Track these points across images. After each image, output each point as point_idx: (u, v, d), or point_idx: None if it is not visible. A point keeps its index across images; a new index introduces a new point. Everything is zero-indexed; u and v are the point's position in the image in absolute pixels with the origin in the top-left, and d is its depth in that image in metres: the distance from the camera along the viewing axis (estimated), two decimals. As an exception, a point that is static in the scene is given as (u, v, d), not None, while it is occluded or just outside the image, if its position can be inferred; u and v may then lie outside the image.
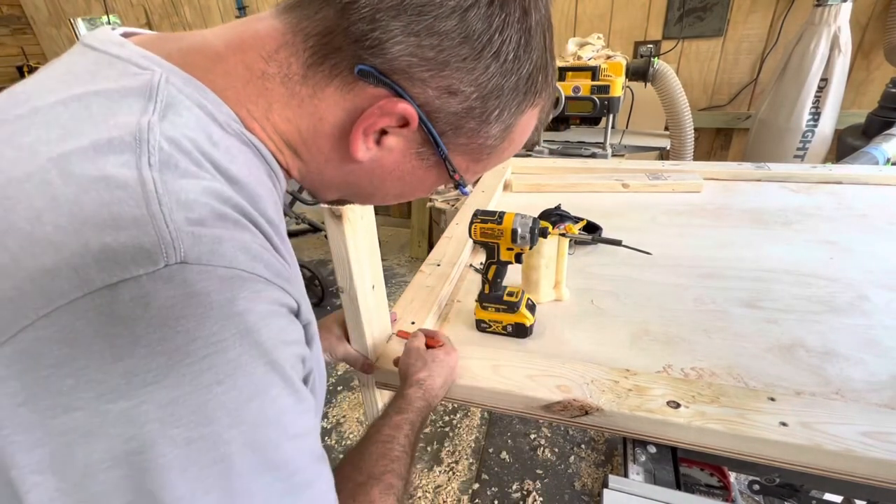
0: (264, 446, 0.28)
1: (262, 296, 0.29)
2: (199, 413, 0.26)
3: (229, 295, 0.27)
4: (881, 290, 0.82)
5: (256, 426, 0.28)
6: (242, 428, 0.27)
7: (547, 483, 1.59)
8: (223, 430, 0.26)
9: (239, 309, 0.27)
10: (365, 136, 0.36)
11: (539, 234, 0.71)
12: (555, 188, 1.36)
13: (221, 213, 0.29)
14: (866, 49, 2.12)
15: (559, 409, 0.61)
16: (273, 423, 0.29)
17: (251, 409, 0.28)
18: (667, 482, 0.58)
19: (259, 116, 0.35)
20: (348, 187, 0.42)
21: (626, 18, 2.44)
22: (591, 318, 0.80)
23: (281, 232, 0.36)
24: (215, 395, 0.26)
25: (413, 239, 3.10)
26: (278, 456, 0.29)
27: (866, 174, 1.31)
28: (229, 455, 0.27)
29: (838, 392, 0.62)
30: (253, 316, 0.28)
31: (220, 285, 0.27)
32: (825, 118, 1.99)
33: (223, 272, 0.27)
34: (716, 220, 1.12)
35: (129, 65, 0.32)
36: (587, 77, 1.76)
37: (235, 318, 0.27)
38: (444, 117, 0.36)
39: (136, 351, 0.24)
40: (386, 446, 0.50)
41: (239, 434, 0.27)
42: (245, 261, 0.29)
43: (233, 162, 0.32)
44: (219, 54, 0.34)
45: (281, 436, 0.30)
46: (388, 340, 0.74)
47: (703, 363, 0.68)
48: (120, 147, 0.27)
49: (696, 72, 2.42)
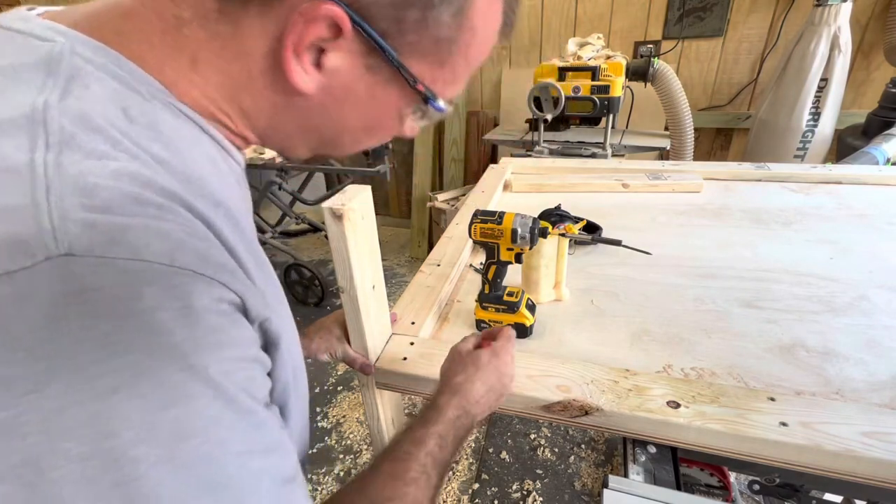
0: (193, 463, 0.25)
1: (181, 290, 0.25)
2: (92, 425, 0.22)
3: (131, 290, 0.24)
4: (881, 290, 0.82)
5: (178, 440, 0.24)
6: (155, 443, 0.23)
7: (547, 483, 1.59)
8: (128, 447, 0.23)
9: (144, 306, 0.24)
10: (298, 57, 0.31)
11: (539, 234, 0.71)
12: (555, 188, 1.36)
13: (138, 197, 0.26)
14: (866, 49, 2.12)
15: (559, 409, 0.61)
16: (202, 437, 0.25)
17: (165, 420, 0.24)
18: (667, 482, 0.59)
19: (186, 75, 0.31)
20: (310, 133, 0.37)
21: (626, 18, 2.44)
22: (591, 318, 0.80)
23: (236, 214, 0.32)
24: (111, 404, 0.23)
25: (413, 239, 3.10)
26: (218, 475, 0.25)
27: (866, 174, 1.31)
28: (139, 476, 0.23)
29: (838, 392, 0.62)
30: (164, 314, 0.24)
31: (118, 279, 0.24)
32: (825, 118, 1.99)
33: (125, 264, 0.24)
34: (716, 220, 1.12)
35: (30, 38, 0.29)
36: (587, 77, 1.76)
37: (138, 317, 0.24)
38: (379, 11, 0.31)
39: (14, 356, 0.22)
40: (401, 465, 0.42)
41: (150, 451, 0.23)
42: (160, 251, 0.25)
43: (158, 138, 0.29)
44: (127, 9, 0.30)
45: (219, 452, 0.26)
46: (388, 341, 0.74)
47: (703, 363, 0.68)
48: (13, 130, 0.25)
49: (696, 72, 2.42)
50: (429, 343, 0.73)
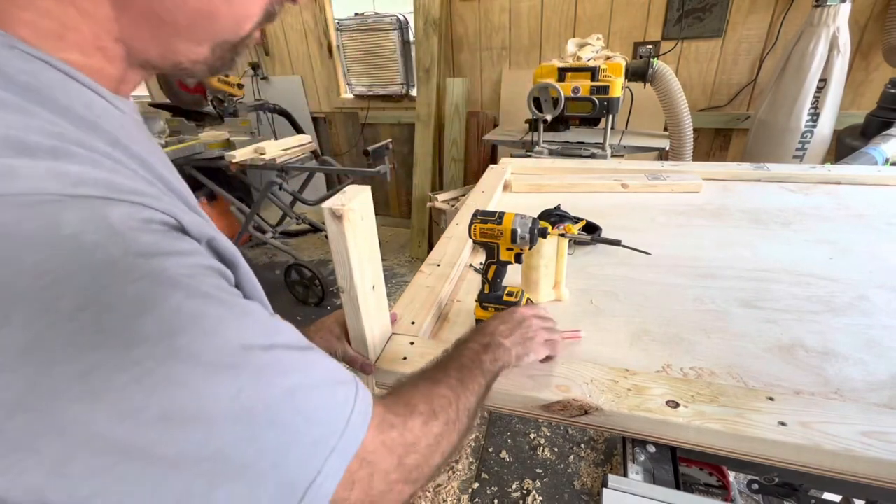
0: (192, 359, 0.25)
1: (98, 214, 0.24)
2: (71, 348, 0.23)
3: (46, 220, 0.23)
4: (880, 290, 0.82)
5: (171, 335, 0.25)
6: (153, 343, 0.24)
7: (546, 482, 1.59)
8: (147, 355, 0.24)
9: (66, 233, 0.23)
10: None
11: (539, 235, 0.71)
12: (554, 188, 1.36)
13: (23, 141, 0.24)
14: (865, 50, 2.12)
15: (558, 409, 0.61)
16: (189, 334, 0.25)
17: (142, 331, 0.24)
18: (666, 482, 0.59)
19: (13, 11, 0.27)
20: (153, 20, 0.32)
21: (626, 19, 2.45)
22: (591, 318, 0.80)
23: (123, 142, 0.30)
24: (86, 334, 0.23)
25: (413, 239, 3.10)
26: (227, 360, 0.26)
27: (865, 174, 1.31)
28: (145, 373, 0.24)
29: (837, 392, 0.62)
30: (92, 236, 0.23)
31: (22, 213, 0.22)
32: (824, 119, 1.99)
33: (24, 199, 0.22)
34: (715, 221, 1.12)
35: None
36: (587, 78, 1.76)
37: (65, 243, 0.23)
38: None
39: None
40: (422, 377, 0.49)
41: (154, 352, 0.24)
42: (61, 184, 0.24)
43: (26, 90, 0.26)
44: None
45: (220, 342, 0.26)
46: (389, 341, 0.74)
47: (702, 363, 0.68)
48: None
49: (695, 72, 2.43)
50: (429, 343, 0.73)
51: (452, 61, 2.91)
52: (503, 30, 2.72)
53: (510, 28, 2.70)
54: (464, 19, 2.77)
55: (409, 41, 2.99)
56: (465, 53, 2.86)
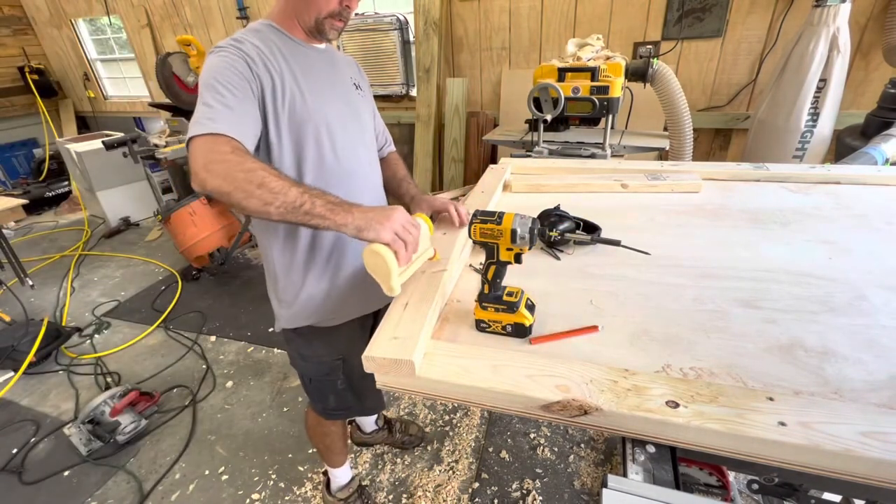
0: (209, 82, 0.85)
1: (227, 43, 0.90)
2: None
3: (217, 51, 0.89)
4: (880, 290, 0.82)
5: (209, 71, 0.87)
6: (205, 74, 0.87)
7: (546, 482, 1.59)
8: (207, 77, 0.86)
9: (223, 44, 0.90)
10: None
11: (538, 235, 0.71)
12: (554, 188, 1.37)
13: (235, 40, 0.91)
14: (865, 50, 2.12)
15: (558, 409, 0.61)
16: (210, 71, 0.86)
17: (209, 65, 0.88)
18: (666, 482, 0.59)
19: (276, 7, 0.99)
20: (290, 4, 0.96)
21: (626, 19, 2.45)
22: (591, 318, 0.80)
23: (254, 44, 0.91)
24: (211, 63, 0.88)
25: (413, 239, 3.09)
26: (210, 84, 0.85)
27: (865, 174, 1.31)
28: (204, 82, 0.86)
29: (837, 392, 0.62)
30: (216, 56, 0.88)
31: (219, 50, 0.89)
32: (824, 118, 1.99)
33: (232, 41, 0.91)
34: (715, 221, 1.12)
35: None
36: (587, 78, 1.76)
37: (222, 49, 0.89)
38: None
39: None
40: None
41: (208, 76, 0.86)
42: (229, 42, 0.90)
43: (257, 37, 0.93)
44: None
45: (212, 76, 0.85)
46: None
47: (702, 363, 0.68)
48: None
49: (695, 72, 2.43)
50: (429, 343, 0.73)
51: (452, 61, 2.92)
52: (503, 30, 2.72)
53: (510, 28, 2.70)
54: (464, 19, 2.77)
55: (409, 41, 3.00)
56: (465, 54, 2.86)
